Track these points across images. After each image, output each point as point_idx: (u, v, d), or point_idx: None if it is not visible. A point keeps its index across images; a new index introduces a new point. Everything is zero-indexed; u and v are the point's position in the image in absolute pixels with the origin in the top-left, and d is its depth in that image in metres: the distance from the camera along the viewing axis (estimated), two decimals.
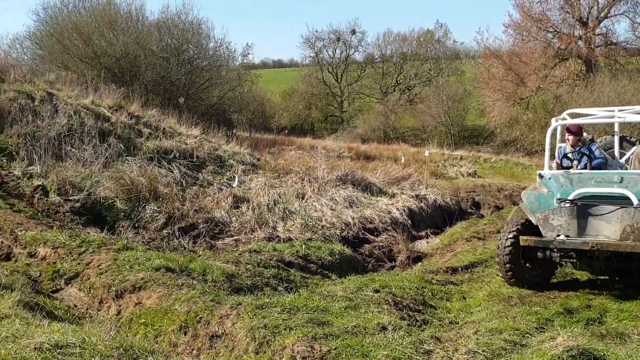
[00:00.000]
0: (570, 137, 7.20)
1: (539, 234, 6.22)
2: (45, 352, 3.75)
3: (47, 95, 12.47)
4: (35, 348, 3.78)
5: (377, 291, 6.07)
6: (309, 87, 49.27)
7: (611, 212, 5.87)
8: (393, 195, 13.37)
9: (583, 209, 6.02)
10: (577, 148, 7.12)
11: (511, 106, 34.51)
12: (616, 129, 7.76)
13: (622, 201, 5.79)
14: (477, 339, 4.78)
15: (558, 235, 6.06)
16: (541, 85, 33.37)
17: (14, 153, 10.28)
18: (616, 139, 7.78)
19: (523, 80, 33.47)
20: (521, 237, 6.27)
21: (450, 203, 15.03)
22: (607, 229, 5.92)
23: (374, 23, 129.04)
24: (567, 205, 6.03)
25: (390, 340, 4.43)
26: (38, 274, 6.24)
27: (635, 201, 5.68)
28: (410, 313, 5.54)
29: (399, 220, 11.77)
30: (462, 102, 40.80)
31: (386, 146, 32.04)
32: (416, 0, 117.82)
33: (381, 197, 12.97)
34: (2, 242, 7.15)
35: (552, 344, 4.22)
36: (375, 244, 10.25)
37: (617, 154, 7.66)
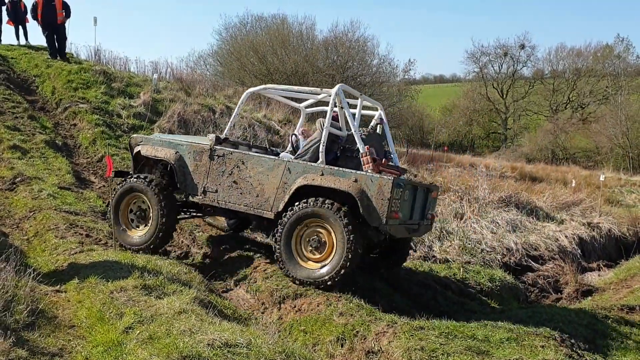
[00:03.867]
0: None
1: None
2: (217, 349, 4.04)
3: (226, 108, 13.61)
4: (208, 344, 4.09)
5: (542, 324, 5.70)
6: (470, 103, 47.97)
7: None
8: (561, 222, 12.49)
9: None
10: None
11: None
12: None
13: None
14: None
15: None
16: None
17: None
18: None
19: None
20: None
21: (627, 234, 13.66)
22: None
23: (545, 37, 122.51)
24: None
25: None
26: (211, 274, 6.78)
27: None
28: (580, 352, 5.11)
29: (567, 249, 10.97)
30: None
31: (554, 167, 29.97)
32: (594, 14, 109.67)
33: (548, 222, 12.18)
34: (182, 242, 7.92)
35: None
36: (540, 272, 9.66)
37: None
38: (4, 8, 17.00)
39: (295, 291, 5.99)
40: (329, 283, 5.83)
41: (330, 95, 6.52)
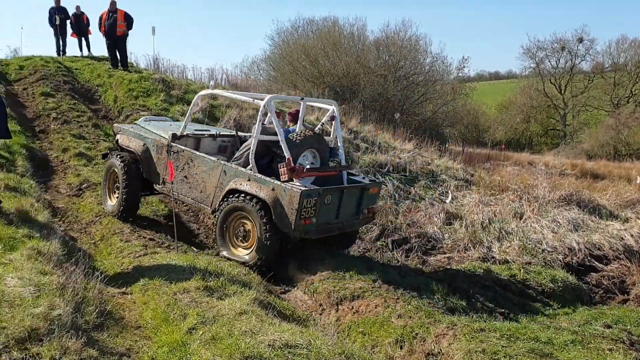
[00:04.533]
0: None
1: None
2: (277, 350, 4.10)
3: (281, 112, 13.76)
4: (268, 345, 4.15)
5: (608, 326, 5.51)
6: (527, 99, 46.75)
7: None
8: (626, 220, 11.95)
9: None
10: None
11: None
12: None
13: None
14: None
15: None
16: None
17: None
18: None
19: None
20: None
21: None
22: None
23: (605, 30, 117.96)
24: None
25: None
26: (269, 275, 6.88)
27: None
28: None
29: (633, 248, 10.47)
30: None
31: (617, 164, 28.85)
32: None
33: (612, 221, 11.69)
34: None
35: None
36: (604, 273, 9.27)
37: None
38: (68, 21, 17.81)
39: (352, 293, 6.00)
40: (254, 266, 6.59)
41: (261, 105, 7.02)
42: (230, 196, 6.82)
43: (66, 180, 9.81)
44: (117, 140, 8.46)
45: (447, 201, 11.99)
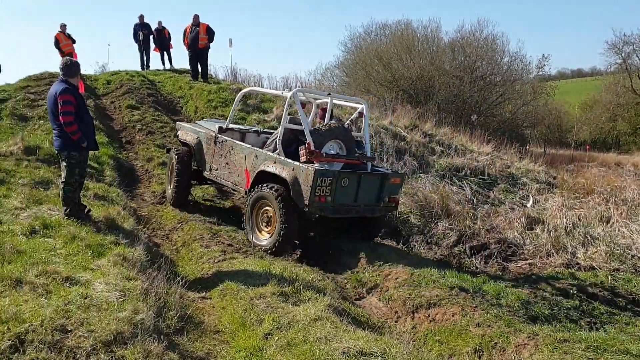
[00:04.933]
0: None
1: None
2: (352, 357, 4.09)
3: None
4: (343, 352, 4.15)
5: None
6: (613, 97, 44.16)
7: None
8: None
9: None
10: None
11: None
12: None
13: None
14: None
15: None
16: None
17: None
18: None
19: None
20: None
21: None
22: None
23: None
24: None
25: None
26: (345, 282, 6.89)
27: None
28: None
29: None
30: None
31: None
32: None
33: None
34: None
35: None
36: None
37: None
38: (150, 37, 18.70)
39: (428, 300, 5.91)
40: (273, 250, 7.19)
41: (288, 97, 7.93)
42: (259, 185, 7.48)
43: (150, 189, 10.27)
44: (178, 135, 9.66)
45: (528, 205, 11.55)
